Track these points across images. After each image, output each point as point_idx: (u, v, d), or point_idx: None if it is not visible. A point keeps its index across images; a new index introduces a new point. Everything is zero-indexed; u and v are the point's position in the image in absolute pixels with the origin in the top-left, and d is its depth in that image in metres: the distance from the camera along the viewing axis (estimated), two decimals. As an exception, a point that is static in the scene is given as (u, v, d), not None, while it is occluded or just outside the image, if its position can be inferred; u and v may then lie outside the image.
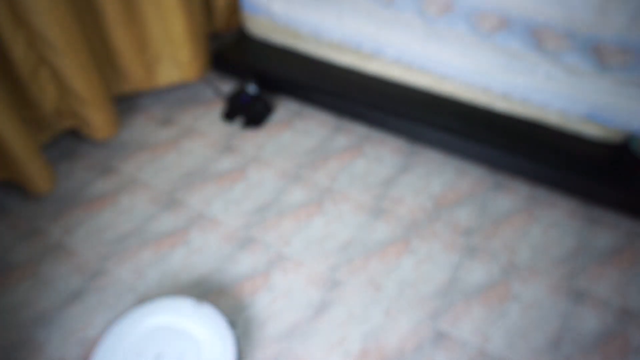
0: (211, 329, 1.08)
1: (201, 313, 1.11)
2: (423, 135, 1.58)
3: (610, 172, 1.42)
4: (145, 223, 1.46)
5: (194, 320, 1.09)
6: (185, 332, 1.08)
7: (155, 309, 1.12)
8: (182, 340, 1.07)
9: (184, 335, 1.08)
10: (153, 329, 1.09)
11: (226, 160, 1.66)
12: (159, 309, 1.12)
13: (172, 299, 1.14)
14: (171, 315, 1.11)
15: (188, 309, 1.11)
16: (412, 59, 1.61)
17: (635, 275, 1.32)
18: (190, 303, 1.13)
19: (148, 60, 1.75)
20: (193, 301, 1.13)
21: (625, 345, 1.19)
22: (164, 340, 1.07)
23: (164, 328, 1.09)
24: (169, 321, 1.10)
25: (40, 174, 1.44)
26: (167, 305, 1.13)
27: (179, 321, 1.10)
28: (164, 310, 1.12)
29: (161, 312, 1.11)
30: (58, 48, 1.38)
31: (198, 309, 1.12)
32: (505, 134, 1.52)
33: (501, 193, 1.54)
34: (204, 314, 1.11)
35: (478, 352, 1.18)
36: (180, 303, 1.13)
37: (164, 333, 1.08)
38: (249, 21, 1.89)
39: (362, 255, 1.37)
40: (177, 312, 1.11)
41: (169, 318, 1.10)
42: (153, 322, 1.10)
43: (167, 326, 1.09)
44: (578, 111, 1.44)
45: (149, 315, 1.11)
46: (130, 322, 1.10)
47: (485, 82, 1.53)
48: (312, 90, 1.72)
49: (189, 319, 1.10)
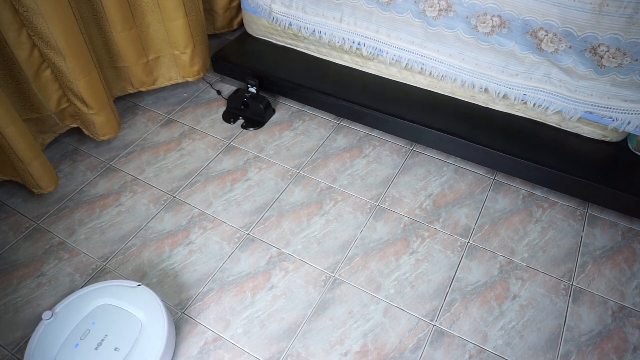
0: (150, 310, 1.15)
1: (140, 295, 1.17)
2: (423, 135, 1.59)
3: (608, 171, 1.42)
4: (147, 223, 1.47)
5: (134, 302, 1.16)
6: (126, 312, 1.15)
7: (98, 291, 1.19)
8: (123, 319, 1.14)
9: (125, 314, 1.14)
10: (96, 309, 1.15)
11: (227, 160, 1.67)
12: (103, 291, 1.19)
13: (115, 282, 1.21)
14: (113, 297, 1.17)
15: (129, 291, 1.18)
16: (411, 59, 1.62)
17: (633, 275, 1.33)
18: (130, 285, 1.19)
19: (149, 61, 1.76)
20: (133, 283, 1.20)
21: (623, 344, 1.19)
22: (105, 320, 1.14)
23: (106, 308, 1.16)
24: (111, 302, 1.17)
25: (42, 174, 1.45)
26: (109, 287, 1.20)
27: (121, 302, 1.16)
28: (107, 292, 1.18)
29: (104, 294, 1.18)
30: (61, 49, 1.39)
31: (137, 291, 1.18)
32: (504, 134, 1.53)
33: (500, 193, 1.55)
34: (143, 297, 1.17)
35: (477, 351, 1.18)
36: (121, 285, 1.20)
37: (106, 313, 1.15)
38: (250, 21, 1.90)
39: (362, 255, 1.38)
40: (118, 294, 1.18)
41: (111, 299, 1.17)
42: (96, 303, 1.16)
43: (109, 306, 1.16)
44: (576, 111, 1.45)
45: (93, 297, 1.17)
46: (75, 303, 1.17)
47: (484, 82, 1.54)
48: (312, 90, 1.72)
49: (129, 300, 1.16)
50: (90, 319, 1.13)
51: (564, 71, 1.42)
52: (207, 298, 1.29)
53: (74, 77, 1.46)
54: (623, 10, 1.23)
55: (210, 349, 1.19)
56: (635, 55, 1.28)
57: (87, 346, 1.09)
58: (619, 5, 1.23)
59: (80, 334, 1.11)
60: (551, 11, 1.32)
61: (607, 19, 1.26)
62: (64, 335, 1.10)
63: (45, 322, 1.12)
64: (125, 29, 1.61)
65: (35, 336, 1.10)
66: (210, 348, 1.19)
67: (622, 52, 1.29)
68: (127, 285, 1.19)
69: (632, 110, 1.38)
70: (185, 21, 1.67)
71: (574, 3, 1.28)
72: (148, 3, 1.60)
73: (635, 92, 1.35)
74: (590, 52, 1.34)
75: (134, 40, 1.66)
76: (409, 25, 1.56)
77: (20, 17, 1.33)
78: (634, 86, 1.35)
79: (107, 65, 1.70)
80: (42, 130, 1.61)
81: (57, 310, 1.15)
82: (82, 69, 1.46)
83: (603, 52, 1.31)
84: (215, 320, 1.24)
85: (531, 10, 1.34)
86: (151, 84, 1.84)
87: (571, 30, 1.32)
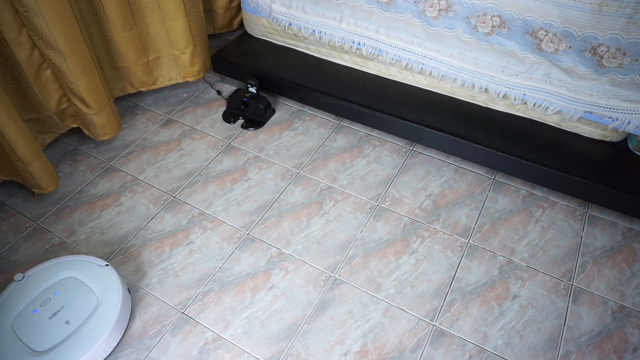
0: (108, 290, 1.21)
1: (105, 275, 1.23)
2: (423, 135, 1.59)
3: (608, 171, 1.42)
4: (147, 223, 1.47)
5: (97, 280, 1.22)
6: (88, 288, 1.21)
7: (69, 263, 1.25)
8: (82, 294, 1.20)
9: (85, 290, 1.20)
10: (62, 280, 1.22)
11: (227, 160, 1.67)
12: (73, 264, 1.25)
13: (86, 258, 1.27)
14: (80, 271, 1.23)
15: (96, 269, 1.24)
16: (411, 59, 1.62)
17: (633, 275, 1.33)
18: (99, 264, 1.25)
19: (149, 61, 1.76)
20: (102, 262, 1.26)
21: (623, 344, 1.19)
22: (67, 292, 1.20)
23: (71, 281, 1.22)
24: (77, 276, 1.23)
25: (43, 174, 1.45)
26: (79, 262, 1.26)
27: (85, 278, 1.22)
28: (75, 266, 1.25)
29: (73, 267, 1.24)
30: (61, 49, 1.39)
31: (103, 270, 1.24)
32: (504, 134, 1.53)
33: (500, 193, 1.55)
34: (107, 277, 1.23)
35: (477, 351, 1.18)
36: (91, 262, 1.26)
37: (70, 285, 1.21)
38: (250, 21, 1.90)
39: (362, 255, 1.38)
40: (85, 270, 1.24)
41: (78, 274, 1.23)
42: (64, 274, 1.23)
43: (74, 280, 1.22)
44: (576, 111, 1.45)
45: (62, 268, 1.24)
46: (45, 271, 1.23)
47: (484, 82, 1.54)
48: (312, 90, 1.72)
49: (93, 278, 1.22)
50: (54, 288, 1.20)
51: (564, 71, 1.42)
52: (207, 298, 1.29)
53: (74, 77, 1.46)
54: (623, 10, 1.23)
55: (210, 349, 1.19)
56: (635, 55, 1.28)
57: (43, 314, 1.16)
58: (619, 5, 1.23)
59: (41, 301, 1.18)
60: (551, 11, 1.32)
61: (607, 19, 1.26)
62: (28, 299, 1.18)
63: (16, 283, 1.19)
64: (126, 29, 1.61)
65: (4, 294, 1.19)
66: (210, 348, 1.19)
67: (622, 52, 1.29)
68: (96, 263, 1.25)
69: (632, 110, 1.38)
70: (186, 21, 1.67)
71: (574, 3, 1.28)
72: (148, 3, 1.60)
73: (635, 92, 1.35)
74: (590, 52, 1.34)
75: (134, 40, 1.66)
76: (409, 25, 1.56)
77: (20, 17, 1.33)
78: (634, 86, 1.35)
79: (107, 65, 1.70)
80: (42, 130, 1.61)
81: (28, 274, 1.21)
82: (82, 69, 1.46)
83: (603, 52, 1.31)
84: (215, 320, 1.24)
85: (531, 10, 1.34)
86: (151, 84, 1.84)
87: (571, 30, 1.32)
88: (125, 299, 1.21)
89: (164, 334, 1.22)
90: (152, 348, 1.19)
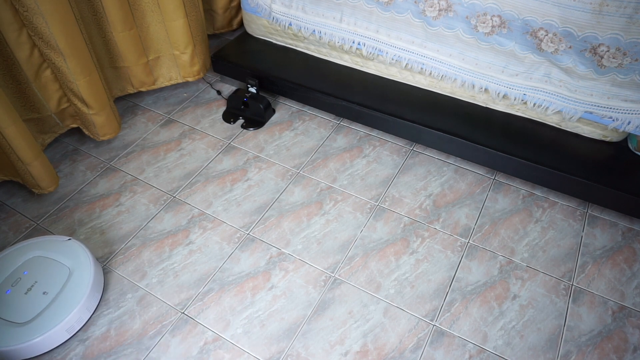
0: (78, 259, 1.27)
1: (70, 248, 1.29)
2: (423, 135, 1.59)
3: (608, 171, 1.42)
4: (147, 223, 1.47)
5: (64, 253, 1.28)
6: (56, 261, 1.26)
7: (30, 246, 1.30)
8: (52, 268, 1.25)
9: (54, 264, 1.26)
10: (28, 261, 1.27)
11: (227, 160, 1.67)
12: (35, 245, 1.30)
13: (46, 237, 1.33)
14: (44, 250, 1.29)
15: (60, 245, 1.30)
16: (411, 59, 1.62)
17: (633, 275, 1.33)
18: (61, 239, 1.31)
19: (149, 61, 1.76)
20: (64, 238, 1.32)
21: (623, 344, 1.19)
22: (36, 269, 1.25)
23: (37, 260, 1.27)
24: (42, 254, 1.28)
25: (43, 174, 1.45)
26: (41, 242, 1.31)
27: (51, 254, 1.28)
28: (38, 247, 1.29)
29: (36, 248, 1.29)
30: (61, 49, 1.39)
31: (67, 244, 1.29)
32: (504, 134, 1.53)
33: (500, 193, 1.55)
34: (73, 248, 1.29)
35: (477, 351, 1.18)
36: (53, 240, 1.32)
37: (37, 264, 1.26)
38: (250, 21, 1.90)
39: (362, 255, 1.38)
40: (49, 248, 1.29)
41: (43, 252, 1.28)
42: (29, 255, 1.28)
43: (40, 258, 1.28)
44: (576, 111, 1.45)
45: (25, 251, 1.28)
46: (7, 257, 1.28)
47: (484, 82, 1.54)
48: (312, 90, 1.72)
49: (59, 252, 1.28)
50: (22, 268, 1.25)
51: (564, 71, 1.42)
52: (207, 298, 1.29)
53: (74, 77, 1.46)
54: (623, 10, 1.23)
55: (210, 349, 1.19)
56: (635, 55, 1.28)
57: (18, 291, 1.20)
58: (619, 5, 1.23)
59: (12, 281, 1.22)
60: (551, 11, 1.32)
61: (607, 19, 1.26)
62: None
63: None
64: (126, 29, 1.61)
65: None
66: (210, 348, 1.19)
67: (622, 52, 1.29)
68: (58, 239, 1.31)
69: (632, 110, 1.38)
70: (186, 21, 1.67)
71: (574, 3, 1.28)
72: (148, 3, 1.60)
73: (635, 92, 1.35)
74: (590, 52, 1.34)
75: (134, 40, 1.66)
76: (409, 25, 1.56)
77: (20, 17, 1.33)
78: (634, 86, 1.35)
79: (107, 65, 1.70)
80: (42, 130, 1.61)
81: None
82: (82, 69, 1.46)
83: (603, 52, 1.31)
84: (215, 320, 1.24)
85: (531, 10, 1.34)
86: (151, 84, 1.84)
87: (571, 30, 1.32)
88: (95, 263, 1.28)
89: (164, 334, 1.22)
90: (152, 348, 1.19)
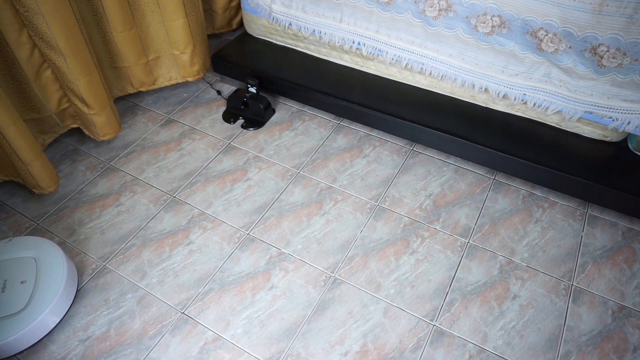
0: (39, 247, 1.28)
1: (22, 242, 1.29)
2: (423, 135, 1.59)
3: (608, 171, 1.42)
4: (147, 223, 1.47)
5: (17, 248, 1.28)
6: (14, 259, 1.26)
7: None
8: (14, 263, 1.25)
9: (14, 260, 1.26)
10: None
11: (227, 160, 1.67)
12: None
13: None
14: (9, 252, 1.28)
15: (5, 246, 1.29)
16: (411, 59, 1.62)
17: (633, 275, 1.33)
18: (3, 243, 1.30)
19: (149, 61, 1.76)
20: (5, 240, 1.30)
21: (623, 344, 1.20)
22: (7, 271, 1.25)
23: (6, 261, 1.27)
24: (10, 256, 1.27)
25: (43, 174, 1.45)
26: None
27: (4, 255, 1.27)
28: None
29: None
30: (61, 50, 1.39)
31: (15, 242, 1.29)
32: (504, 134, 1.53)
33: (500, 193, 1.55)
34: (24, 242, 1.30)
35: (477, 351, 1.18)
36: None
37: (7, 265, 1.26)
38: (250, 21, 1.90)
39: (362, 255, 1.38)
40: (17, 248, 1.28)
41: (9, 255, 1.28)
42: None
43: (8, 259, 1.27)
44: (576, 111, 1.45)
45: None
46: None
47: (484, 82, 1.54)
48: (312, 90, 1.72)
49: (11, 251, 1.27)
50: None
51: (564, 71, 1.42)
52: (207, 298, 1.29)
53: (75, 77, 1.47)
54: (623, 10, 1.23)
55: (210, 349, 1.19)
56: (635, 55, 1.28)
57: None
58: (619, 5, 1.23)
59: None
60: (551, 11, 1.32)
61: (607, 19, 1.26)
62: None
63: None
64: (126, 29, 1.61)
65: None
66: (210, 348, 1.19)
67: (622, 52, 1.29)
68: (1, 243, 1.30)
69: (632, 110, 1.38)
70: (185, 21, 1.67)
71: (574, 3, 1.28)
72: (148, 3, 1.60)
73: (635, 92, 1.35)
74: (590, 52, 1.34)
75: (134, 40, 1.66)
76: (409, 25, 1.56)
77: (20, 18, 1.33)
78: (634, 86, 1.35)
79: (107, 65, 1.70)
80: (42, 130, 1.61)
81: None
82: (82, 69, 1.47)
83: (603, 52, 1.31)
84: (215, 320, 1.24)
85: (531, 10, 1.34)
86: (151, 84, 1.84)
87: (571, 30, 1.32)
88: (56, 246, 1.29)
89: (164, 334, 1.22)
90: (152, 348, 1.19)
